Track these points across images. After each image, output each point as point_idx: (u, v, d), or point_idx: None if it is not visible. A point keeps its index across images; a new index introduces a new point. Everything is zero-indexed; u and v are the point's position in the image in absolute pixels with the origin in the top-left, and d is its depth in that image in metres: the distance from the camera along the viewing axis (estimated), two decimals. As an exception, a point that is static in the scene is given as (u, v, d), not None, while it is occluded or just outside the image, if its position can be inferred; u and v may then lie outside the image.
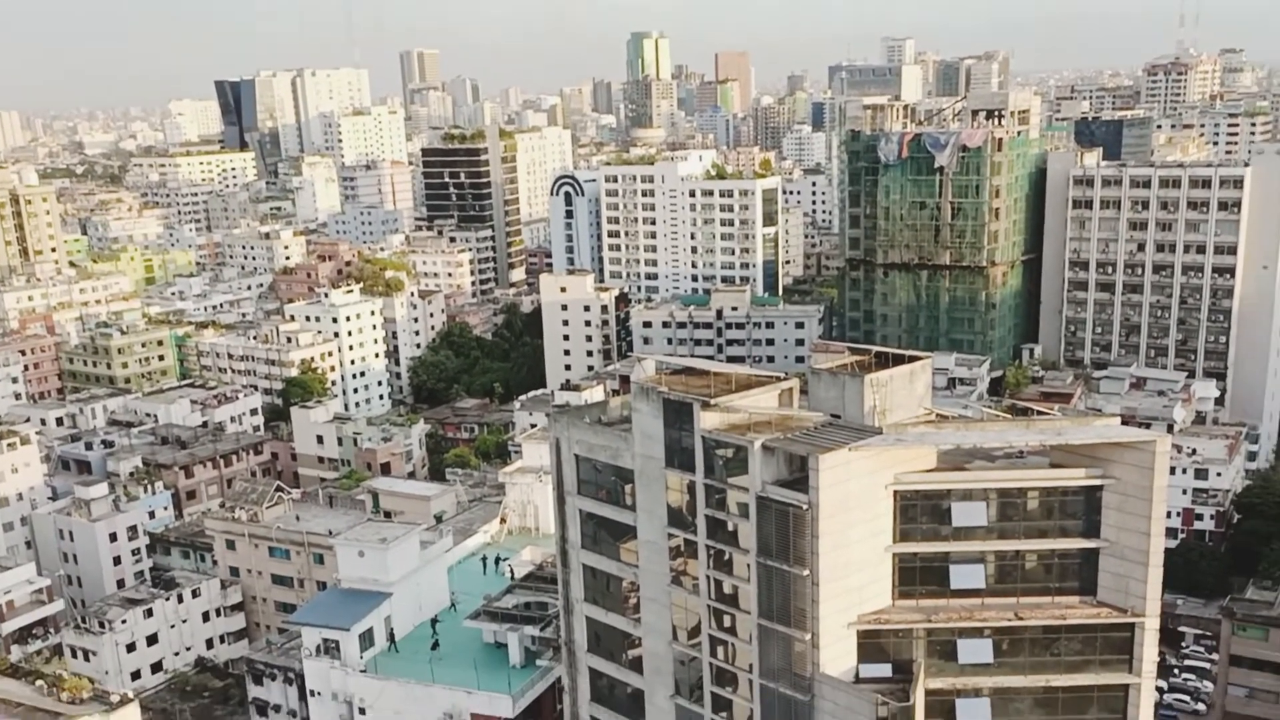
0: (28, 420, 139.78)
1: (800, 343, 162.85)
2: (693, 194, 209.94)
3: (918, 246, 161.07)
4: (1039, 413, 69.01)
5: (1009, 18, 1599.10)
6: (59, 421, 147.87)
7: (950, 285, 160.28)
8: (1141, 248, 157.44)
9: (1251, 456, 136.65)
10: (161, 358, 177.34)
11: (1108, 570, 51.48)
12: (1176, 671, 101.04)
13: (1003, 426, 56.79)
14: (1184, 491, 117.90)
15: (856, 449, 50.53)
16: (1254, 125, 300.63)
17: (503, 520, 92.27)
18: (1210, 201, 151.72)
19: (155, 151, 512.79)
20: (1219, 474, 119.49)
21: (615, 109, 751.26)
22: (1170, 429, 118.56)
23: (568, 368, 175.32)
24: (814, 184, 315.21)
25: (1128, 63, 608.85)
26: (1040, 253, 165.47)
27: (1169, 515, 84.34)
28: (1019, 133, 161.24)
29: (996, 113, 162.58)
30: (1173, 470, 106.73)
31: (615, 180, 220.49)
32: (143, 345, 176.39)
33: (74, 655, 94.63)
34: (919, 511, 52.45)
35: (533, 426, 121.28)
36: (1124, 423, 61.17)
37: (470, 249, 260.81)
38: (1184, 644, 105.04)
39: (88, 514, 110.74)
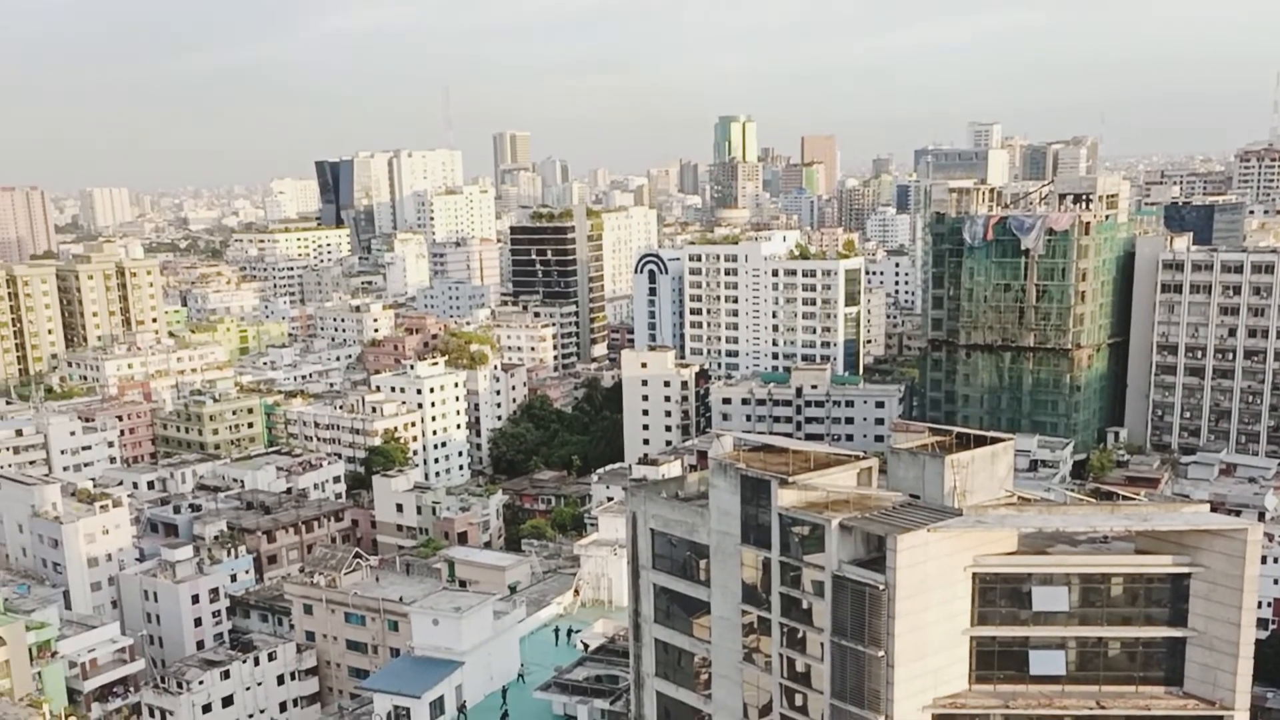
0: (120, 483, 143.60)
1: (880, 422, 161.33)
2: (775, 273, 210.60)
3: (1001, 328, 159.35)
4: (1124, 497, 67.49)
5: (1097, 102, 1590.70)
6: (150, 485, 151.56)
7: (1034, 367, 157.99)
8: (1232, 333, 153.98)
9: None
10: (251, 425, 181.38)
11: (1195, 660, 49.82)
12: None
13: (1087, 511, 55.67)
14: (1275, 581, 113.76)
15: (935, 530, 49.90)
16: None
17: (576, 592, 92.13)
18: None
19: (255, 228, 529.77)
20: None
21: (701, 190, 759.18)
22: (1261, 517, 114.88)
23: (646, 442, 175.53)
24: (897, 265, 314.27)
25: (1219, 148, 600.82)
26: (1127, 336, 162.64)
27: (1259, 605, 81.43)
28: (1107, 217, 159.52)
29: (1084, 197, 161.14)
30: (1264, 559, 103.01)
31: (699, 259, 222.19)
32: (233, 413, 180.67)
33: (151, 715, 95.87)
34: (998, 594, 51.43)
35: (609, 500, 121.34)
36: (1213, 509, 59.49)
37: (554, 324, 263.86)
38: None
39: (172, 575, 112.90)
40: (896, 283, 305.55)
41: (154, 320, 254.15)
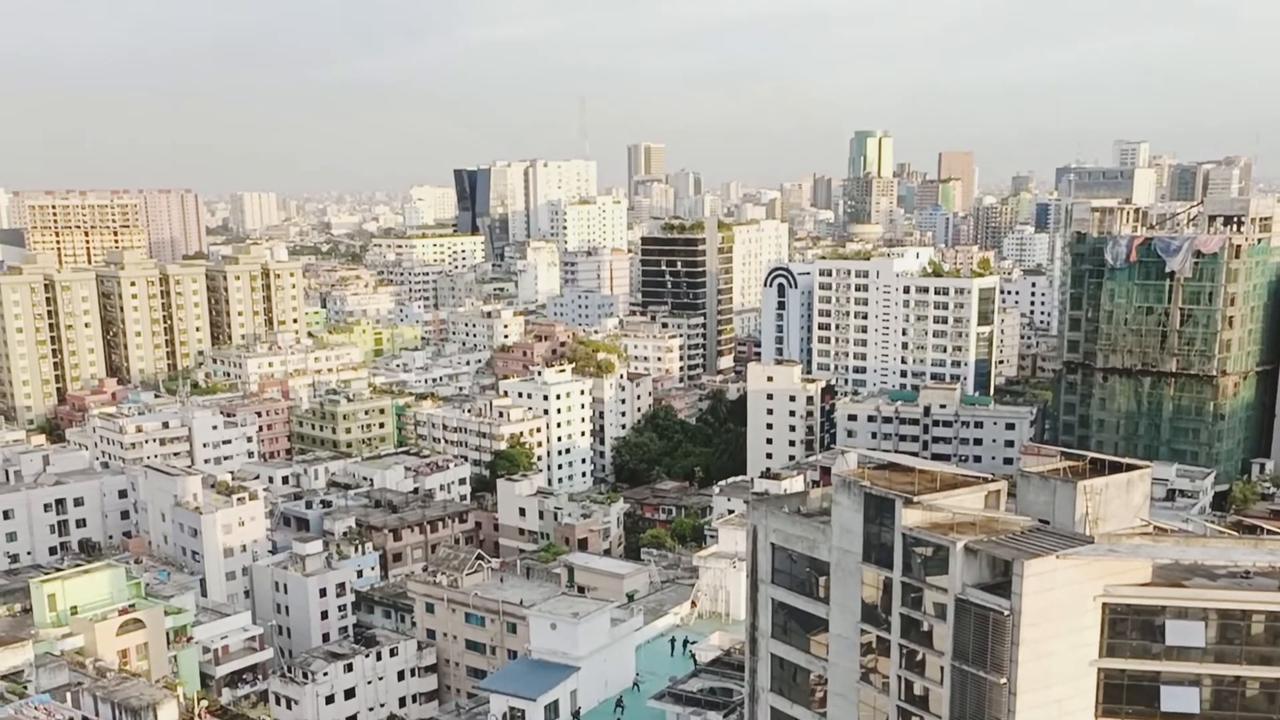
0: (257, 477, 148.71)
1: (1010, 444, 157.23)
2: (907, 290, 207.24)
3: (1141, 352, 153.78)
4: (1269, 532, 64.39)
5: (1252, 121, 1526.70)
6: (285, 480, 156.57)
7: (1175, 393, 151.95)
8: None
9: None
10: (382, 425, 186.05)
11: (1342, 707, 47.22)
12: None
13: (1227, 544, 53.41)
14: None
15: (1065, 557, 48.44)
16: None
17: (694, 604, 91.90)
18: None
19: (394, 233, 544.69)
20: None
21: (834, 204, 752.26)
22: None
23: (769, 456, 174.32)
24: (1033, 284, 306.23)
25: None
26: (1277, 364, 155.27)
27: None
28: (1260, 240, 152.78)
29: (1235, 219, 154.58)
30: None
31: (830, 274, 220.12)
32: (366, 413, 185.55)
33: (278, 702, 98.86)
34: (1129, 626, 49.60)
35: (730, 512, 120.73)
36: (1367, 549, 56.26)
37: (681, 335, 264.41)
38: None
39: (302, 569, 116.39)
40: (1032, 303, 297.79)
41: (294, 320, 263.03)
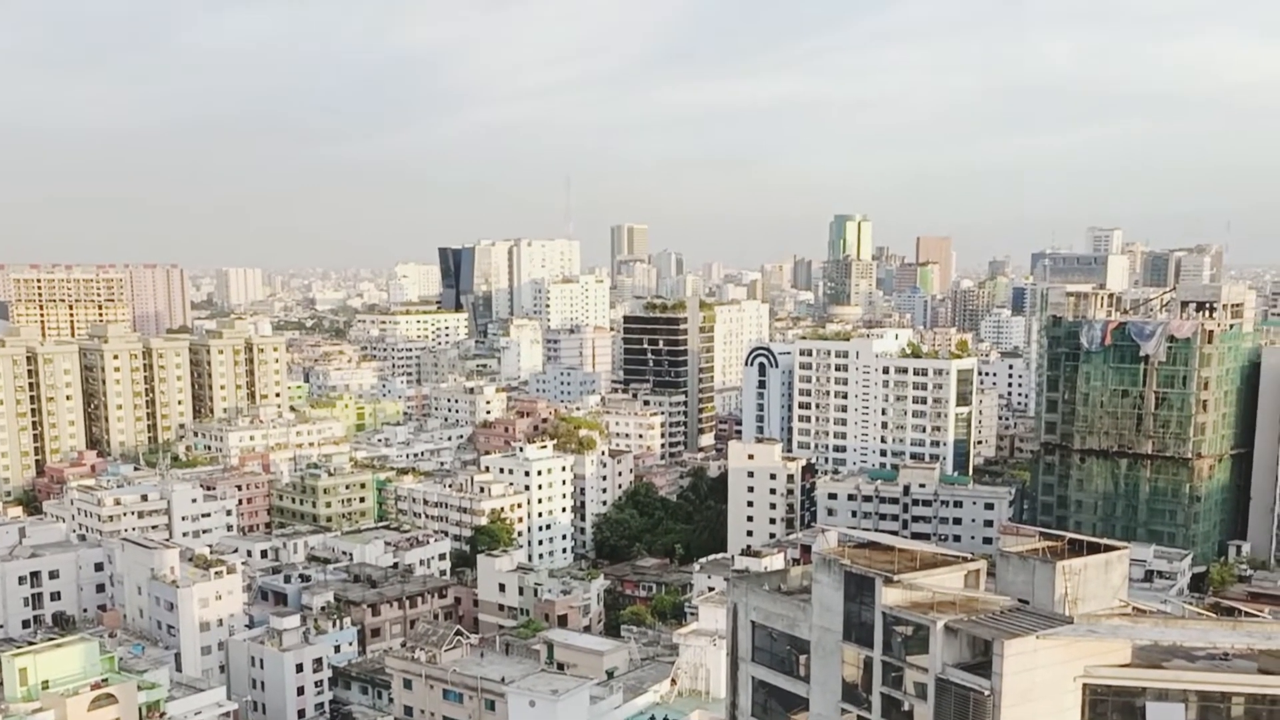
0: (235, 551, 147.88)
1: (989, 524, 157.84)
2: (886, 370, 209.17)
3: (1118, 434, 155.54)
4: (1247, 614, 65.08)
5: (1223, 209, 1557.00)
6: (263, 554, 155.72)
7: (1151, 475, 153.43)
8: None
9: None
10: (363, 499, 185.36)
11: (1320, 789, 47.52)
12: None
13: (1206, 625, 54.06)
14: None
15: (1045, 637, 48.98)
16: None
17: (674, 681, 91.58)
18: None
19: (378, 309, 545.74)
20: None
21: (814, 285, 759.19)
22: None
23: (750, 534, 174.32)
24: (1010, 366, 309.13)
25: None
26: (1251, 447, 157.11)
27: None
28: (1232, 325, 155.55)
29: (1208, 305, 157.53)
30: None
31: (810, 354, 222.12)
32: (346, 487, 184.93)
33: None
34: (1110, 708, 50.05)
35: (711, 590, 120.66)
36: (1342, 630, 56.94)
37: (662, 412, 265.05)
38: None
39: (279, 644, 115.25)
40: (1010, 384, 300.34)
41: (277, 395, 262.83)
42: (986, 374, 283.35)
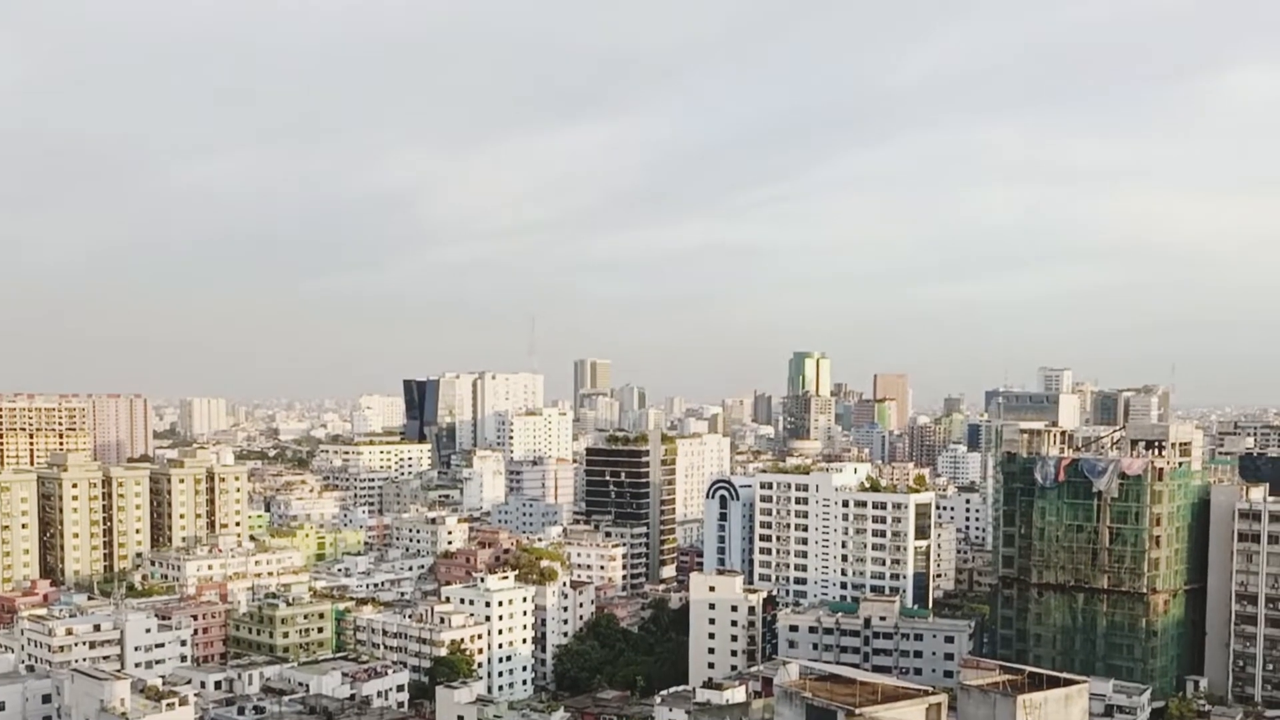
0: (189, 682, 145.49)
1: (949, 657, 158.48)
2: (846, 504, 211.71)
3: (1074, 569, 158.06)
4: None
5: (1169, 354, 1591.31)
6: (217, 685, 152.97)
7: (1108, 610, 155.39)
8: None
9: None
10: (321, 630, 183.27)
11: None
12: None
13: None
14: None
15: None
16: None
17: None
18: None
19: (342, 440, 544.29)
20: None
21: (774, 420, 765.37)
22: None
23: (711, 666, 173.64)
24: (968, 501, 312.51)
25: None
26: (1204, 583, 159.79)
27: None
28: (1180, 464, 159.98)
29: (1157, 443, 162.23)
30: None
31: (770, 487, 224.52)
32: (305, 617, 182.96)
33: None
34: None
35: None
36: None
37: (624, 544, 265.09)
38: None
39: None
40: (967, 518, 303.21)
41: (237, 524, 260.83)
42: (944, 508, 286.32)
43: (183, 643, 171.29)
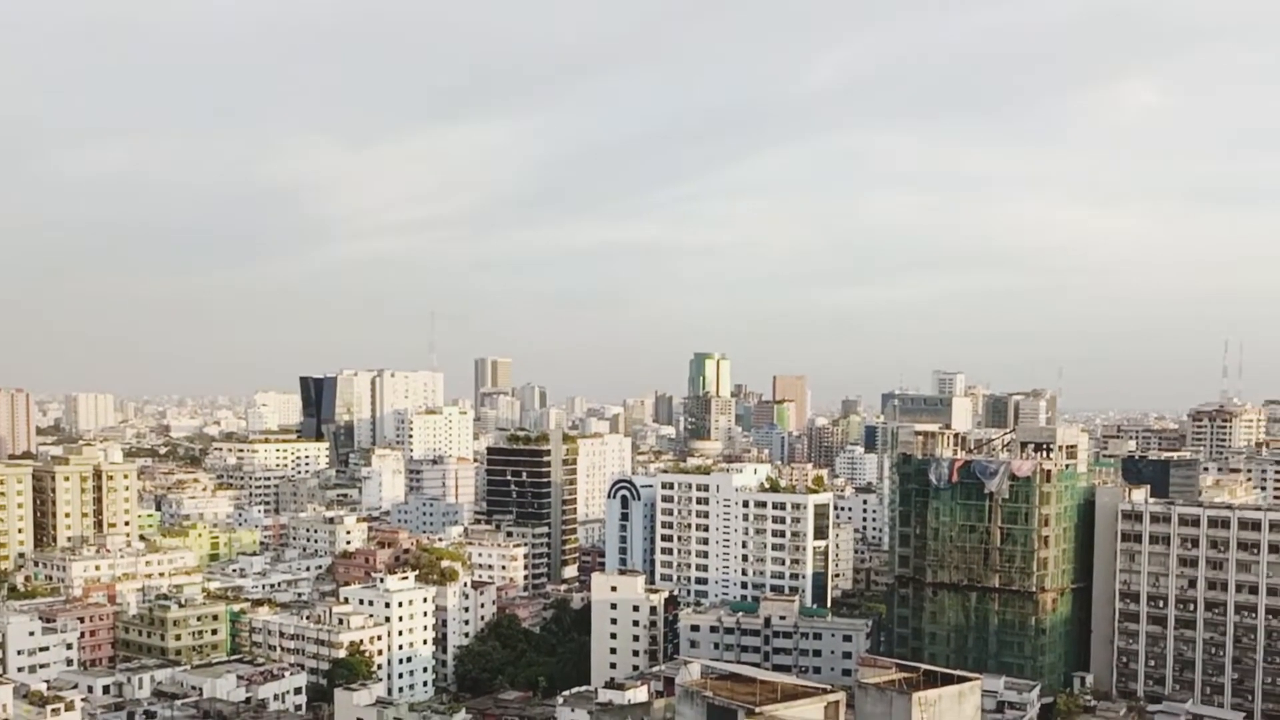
0: (75, 686, 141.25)
1: (848, 655, 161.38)
2: (746, 504, 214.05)
3: (967, 568, 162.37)
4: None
5: (1056, 358, 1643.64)
6: (105, 689, 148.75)
7: (1000, 608, 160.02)
8: (1193, 584, 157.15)
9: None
10: (215, 632, 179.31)
11: None
12: None
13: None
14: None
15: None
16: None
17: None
18: (1261, 544, 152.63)
19: (236, 437, 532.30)
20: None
21: (675, 420, 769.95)
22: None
23: (613, 666, 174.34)
24: (865, 501, 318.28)
25: (1173, 407, 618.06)
26: (1090, 581, 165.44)
27: None
28: (1067, 466, 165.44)
29: (1045, 446, 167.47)
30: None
31: (671, 487, 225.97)
32: (198, 619, 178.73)
33: None
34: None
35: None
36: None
37: (526, 544, 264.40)
38: None
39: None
40: (864, 519, 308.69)
41: (126, 523, 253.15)
42: (842, 508, 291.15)
43: (68, 646, 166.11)
